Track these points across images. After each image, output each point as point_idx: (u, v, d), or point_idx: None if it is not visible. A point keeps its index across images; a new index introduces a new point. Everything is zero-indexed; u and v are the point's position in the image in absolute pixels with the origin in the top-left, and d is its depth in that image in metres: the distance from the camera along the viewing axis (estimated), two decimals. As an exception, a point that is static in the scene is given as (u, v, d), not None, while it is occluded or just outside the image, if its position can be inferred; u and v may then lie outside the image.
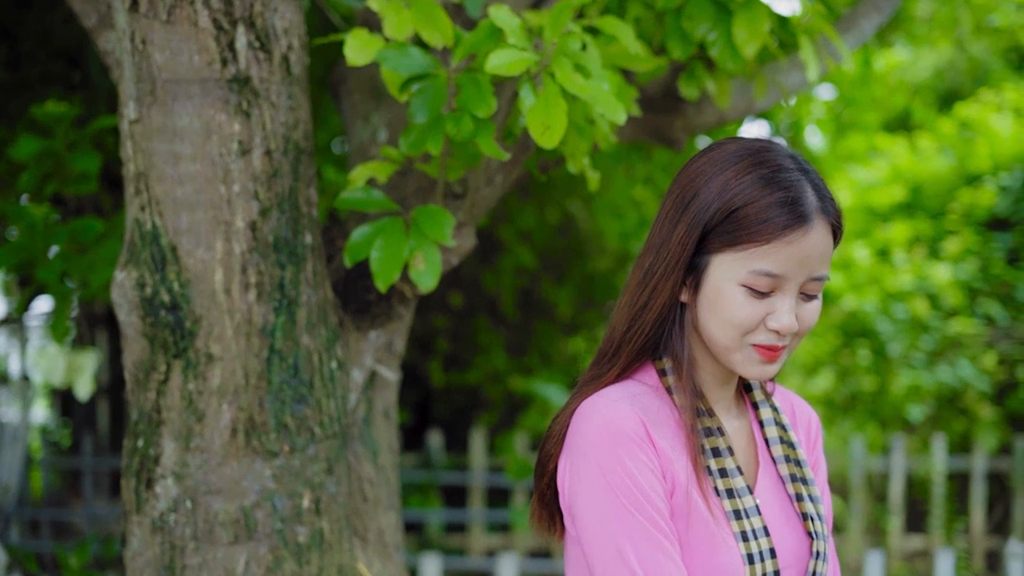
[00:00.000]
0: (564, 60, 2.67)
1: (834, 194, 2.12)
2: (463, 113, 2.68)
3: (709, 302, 2.05)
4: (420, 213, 2.81)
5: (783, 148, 2.10)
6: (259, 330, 2.71)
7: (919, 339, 9.63)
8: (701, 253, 2.05)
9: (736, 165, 2.04)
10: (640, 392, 2.11)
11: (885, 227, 10.24)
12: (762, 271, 1.99)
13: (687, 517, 2.03)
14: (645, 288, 2.10)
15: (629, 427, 2.02)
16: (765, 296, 2.02)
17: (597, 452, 2.02)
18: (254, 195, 2.69)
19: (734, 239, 2.01)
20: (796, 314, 2.04)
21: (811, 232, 2.00)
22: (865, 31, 3.93)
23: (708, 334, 2.08)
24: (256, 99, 2.69)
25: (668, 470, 2.04)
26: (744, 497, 2.08)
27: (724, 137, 2.27)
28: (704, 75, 3.41)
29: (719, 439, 2.11)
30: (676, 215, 2.08)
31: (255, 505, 2.71)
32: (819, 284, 2.05)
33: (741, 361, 2.06)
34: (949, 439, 9.68)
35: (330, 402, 2.85)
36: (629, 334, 2.12)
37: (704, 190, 2.05)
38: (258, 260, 2.70)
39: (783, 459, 2.20)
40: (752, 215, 1.99)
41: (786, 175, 2.03)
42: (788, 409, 2.33)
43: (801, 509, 2.16)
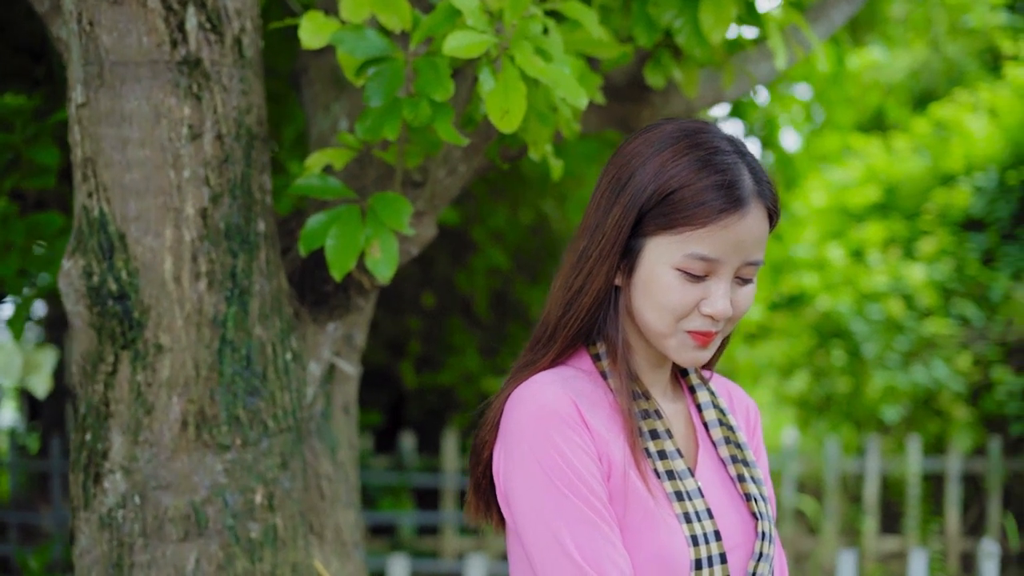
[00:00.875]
0: (525, 43, 2.60)
1: (771, 177, 2.08)
2: (421, 97, 2.61)
3: (643, 286, 2.02)
4: (377, 200, 2.74)
5: (720, 130, 2.07)
6: (210, 320, 2.63)
7: (894, 340, 9.61)
8: (636, 236, 2.02)
9: (673, 147, 2.01)
10: (573, 376, 2.07)
11: (860, 227, 10.22)
12: (697, 255, 1.96)
13: (625, 499, 1.99)
14: (580, 272, 2.07)
15: (562, 410, 1.98)
16: (699, 280, 1.99)
17: (530, 436, 1.98)
18: (205, 181, 2.61)
19: (669, 222, 1.97)
20: (730, 299, 2.01)
21: (747, 216, 1.97)
22: (835, 21, 3.87)
23: (642, 319, 2.05)
24: (207, 82, 2.61)
25: (604, 452, 1.99)
26: (685, 479, 2.04)
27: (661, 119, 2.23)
28: (671, 63, 3.35)
29: (656, 421, 2.07)
30: (612, 197, 2.04)
31: (206, 501, 2.63)
32: (754, 269, 2.02)
33: (674, 347, 2.03)
34: (924, 440, 9.67)
35: (284, 395, 2.77)
36: (564, 319, 2.08)
37: (640, 172, 2.01)
38: (209, 248, 2.62)
39: (723, 441, 2.16)
40: (688, 198, 1.96)
41: (723, 158, 1.99)
42: (726, 395, 2.30)
43: (744, 490, 2.12)
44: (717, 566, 2.00)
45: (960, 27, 11.05)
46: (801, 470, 9.57)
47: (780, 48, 3.24)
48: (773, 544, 2.12)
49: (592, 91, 3.08)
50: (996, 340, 9.50)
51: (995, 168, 9.65)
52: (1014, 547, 9.14)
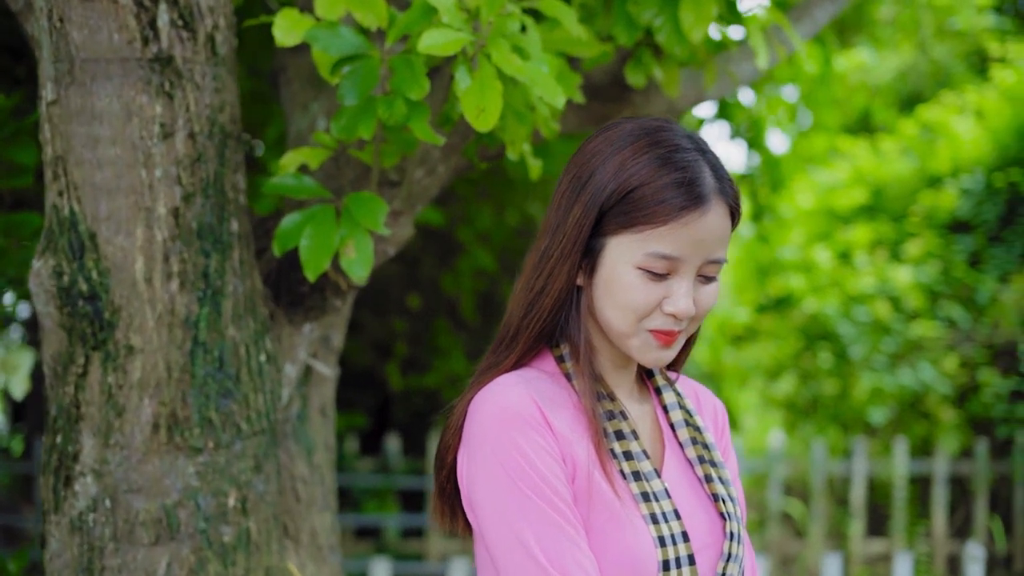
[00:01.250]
0: (502, 41, 2.57)
1: (732, 175, 2.07)
2: (396, 96, 2.58)
3: (605, 285, 2.01)
4: (352, 200, 2.70)
5: (680, 128, 2.06)
6: (182, 321, 2.59)
7: (880, 342, 9.59)
8: (597, 235, 2.01)
9: (633, 145, 2.00)
10: (536, 377, 2.05)
11: (846, 229, 10.20)
12: (658, 253, 1.95)
13: (589, 500, 1.97)
14: (542, 272, 2.05)
15: (524, 410, 1.96)
16: (662, 279, 1.97)
17: (492, 439, 1.96)
18: (177, 180, 2.58)
19: (630, 220, 1.96)
20: (693, 298, 2.00)
21: (708, 214, 1.96)
22: (819, 20, 3.84)
23: (604, 319, 2.03)
24: (179, 80, 2.57)
25: (568, 453, 1.97)
26: (652, 480, 2.02)
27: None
28: (651, 62, 3.32)
29: (622, 423, 2.05)
30: (572, 196, 2.03)
31: (177, 504, 2.59)
32: (717, 267, 2.01)
33: (637, 347, 2.02)
34: (911, 442, 9.65)
35: (258, 397, 2.74)
36: (526, 320, 2.07)
37: (600, 170, 2.00)
38: (181, 248, 2.58)
39: (690, 442, 2.15)
40: (648, 196, 1.95)
41: (683, 155, 1.98)
42: (692, 397, 2.29)
43: (711, 490, 2.11)
44: (685, 567, 1.98)
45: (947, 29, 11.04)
46: (788, 473, 9.54)
47: (761, 47, 3.21)
48: (742, 545, 2.10)
49: (571, 90, 3.04)
50: (983, 342, 9.49)
51: (982, 170, 9.64)
52: (1000, 550, 9.12)
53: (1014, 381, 9.19)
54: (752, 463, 9.57)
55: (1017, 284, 9.18)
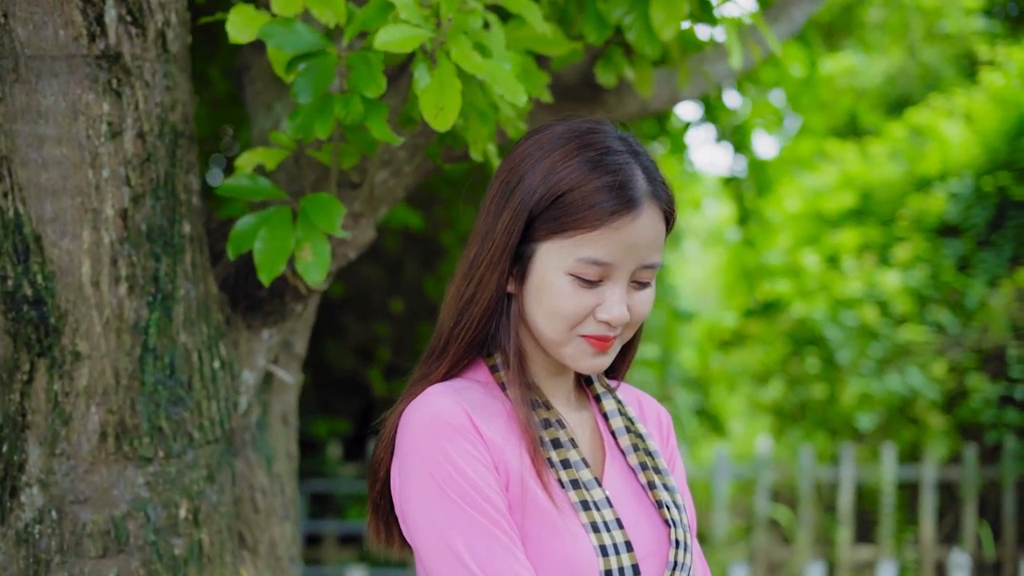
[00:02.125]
0: (462, 38, 2.50)
1: (666, 178, 2.02)
2: (353, 94, 2.50)
3: (536, 293, 1.96)
4: (309, 202, 2.62)
5: (613, 129, 2.01)
6: (131, 326, 2.51)
7: (868, 347, 9.53)
8: (527, 241, 1.96)
9: (563, 148, 1.95)
10: (467, 387, 2.01)
11: (834, 233, 10.13)
12: (589, 259, 1.90)
13: (524, 509, 1.91)
14: (471, 280, 2.00)
15: (453, 419, 1.92)
16: (594, 286, 1.93)
17: (422, 449, 1.92)
18: (125, 181, 2.49)
19: (560, 226, 1.91)
20: (627, 304, 1.95)
21: (640, 218, 1.91)
22: (796, 19, 3.78)
23: (536, 326, 1.98)
24: (128, 77, 2.49)
25: (500, 461, 1.93)
26: (592, 489, 1.97)
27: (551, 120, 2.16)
28: (622, 61, 3.24)
29: (559, 431, 2.00)
30: (501, 201, 1.98)
31: (126, 515, 2.51)
32: (651, 272, 1.97)
33: (571, 354, 1.97)
34: (899, 448, 9.59)
35: (212, 404, 2.66)
36: (457, 329, 2.02)
37: (529, 175, 1.95)
38: (130, 251, 2.50)
39: (631, 449, 2.10)
40: (578, 200, 1.90)
41: (614, 158, 1.93)
42: (635, 404, 2.24)
43: (655, 498, 2.05)
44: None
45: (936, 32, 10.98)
46: (775, 479, 9.47)
47: (735, 47, 3.14)
48: (690, 553, 2.04)
49: (538, 89, 2.96)
50: (971, 347, 9.43)
51: (971, 174, 9.59)
52: (989, 556, 9.05)
53: (1003, 386, 9.14)
54: (739, 469, 9.50)
55: (1006, 288, 9.12)
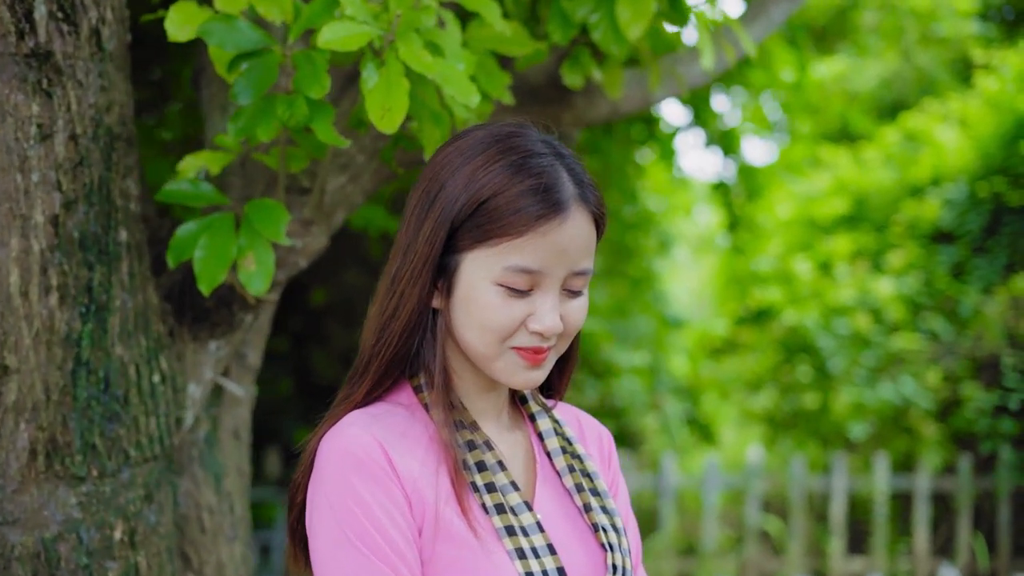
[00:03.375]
0: (413, 36, 2.39)
1: (594, 180, 1.94)
2: (298, 95, 2.38)
3: (463, 305, 1.88)
4: (252, 208, 2.51)
5: (536, 132, 1.94)
6: (62, 339, 2.38)
7: (861, 355, 9.42)
8: (451, 252, 1.88)
9: (484, 153, 1.87)
10: (386, 412, 1.93)
11: (827, 240, 10.02)
12: (518, 267, 1.82)
13: (435, 539, 1.84)
14: (392, 295, 1.92)
15: (362, 453, 1.84)
16: (524, 295, 1.85)
17: (328, 482, 1.85)
18: (56, 186, 2.37)
19: (485, 234, 1.83)
20: (560, 313, 1.88)
21: (568, 221, 1.84)
22: (775, 19, 3.66)
23: (465, 341, 1.90)
24: (59, 77, 2.37)
25: (414, 492, 1.85)
26: (522, 514, 1.89)
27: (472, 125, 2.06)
28: (589, 62, 3.12)
29: (486, 453, 1.92)
30: (422, 212, 1.90)
31: (57, 537, 2.39)
32: (583, 279, 1.89)
33: (503, 369, 1.90)
34: (892, 458, 9.49)
35: (150, 420, 2.54)
36: (377, 347, 1.94)
37: (450, 182, 1.87)
38: (61, 259, 2.38)
39: (567, 470, 2.02)
40: (502, 206, 1.82)
41: (538, 160, 1.86)
42: (574, 424, 2.16)
43: (591, 520, 1.98)
44: None
45: (931, 36, 10.87)
46: (766, 488, 9.35)
47: (707, 47, 3.02)
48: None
49: (499, 91, 2.85)
50: (966, 356, 9.32)
51: (965, 179, 9.48)
52: (983, 568, 8.93)
53: (998, 395, 9.02)
54: (730, 479, 9.38)
55: (1001, 296, 9.01)
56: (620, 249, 9.75)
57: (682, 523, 9.80)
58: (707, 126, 7.89)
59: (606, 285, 10.13)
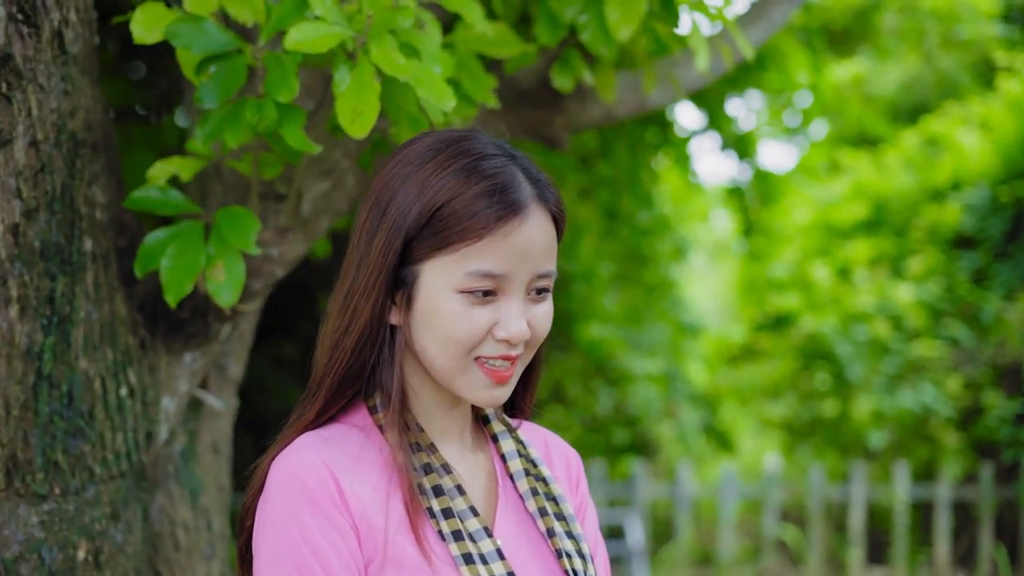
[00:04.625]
0: (387, 38, 2.30)
1: (551, 179, 1.87)
2: (267, 99, 2.29)
3: (424, 318, 1.80)
4: (222, 216, 2.43)
5: (486, 136, 1.88)
6: (23, 352, 2.30)
7: (880, 362, 9.29)
8: (408, 264, 1.81)
9: (434, 160, 1.81)
10: (340, 435, 1.86)
11: (846, 245, 9.90)
12: (480, 271, 1.76)
13: (383, 568, 1.77)
14: (345, 311, 1.85)
15: (311, 480, 1.77)
16: (488, 303, 1.78)
17: (272, 508, 1.79)
18: (16, 193, 2.28)
19: (442, 240, 1.77)
20: (526, 319, 1.80)
21: (528, 221, 1.78)
22: (776, 20, 3.56)
23: (428, 357, 1.83)
24: (19, 81, 2.28)
25: (363, 520, 1.78)
26: (480, 541, 1.82)
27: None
28: (580, 64, 3.03)
29: (443, 477, 1.85)
30: (373, 225, 1.83)
31: (18, 558, 2.30)
32: (547, 281, 1.83)
33: (467, 385, 1.82)
34: (912, 467, 9.37)
35: (117, 436, 2.45)
36: (329, 364, 1.86)
37: (401, 192, 1.81)
38: (21, 269, 2.29)
39: (530, 494, 1.95)
40: (458, 210, 1.76)
41: (491, 162, 1.80)
42: (540, 445, 2.08)
43: (555, 546, 1.90)
44: None
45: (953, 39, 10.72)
46: (784, 498, 9.24)
47: (702, 47, 2.92)
48: None
49: (484, 94, 2.76)
50: (987, 362, 9.21)
51: (987, 184, 9.36)
52: (1005, 579, 8.82)
53: (1019, 403, 8.91)
54: (747, 488, 9.27)
55: (1023, 302, 8.86)
56: (635, 255, 9.65)
57: (698, 532, 9.69)
58: (722, 130, 7.78)
59: (620, 292, 10.04)
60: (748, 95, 8.20)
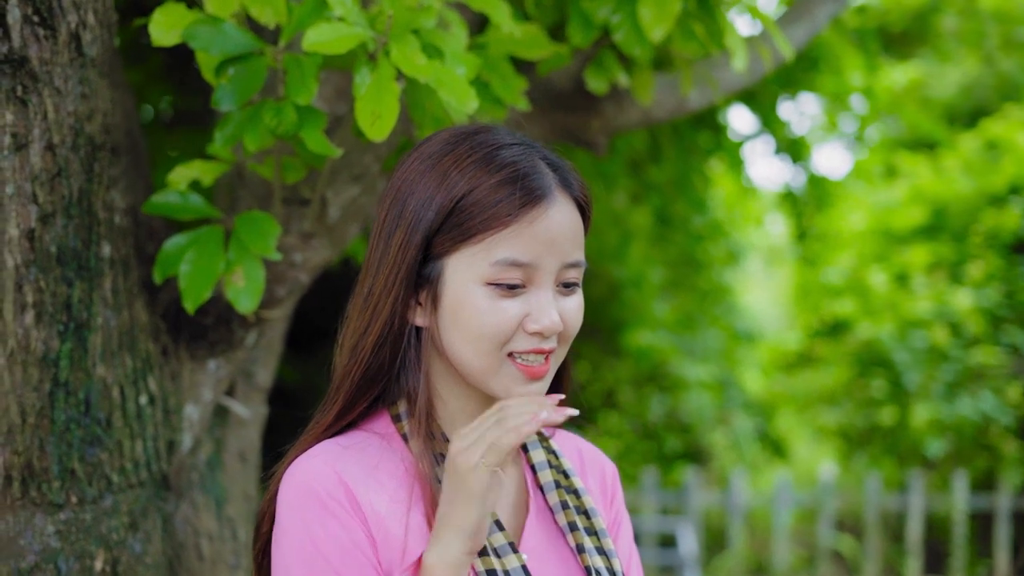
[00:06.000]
0: (410, 39, 2.25)
1: (573, 166, 1.82)
2: (286, 101, 2.25)
3: (452, 315, 1.74)
4: (242, 221, 2.39)
5: (503, 128, 1.84)
6: (39, 359, 2.26)
7: (938, 369, 9.15)
8: (431, 260, 1.76)
9: (452, 152, 1.77)
10: (359, 443, 1.81)
11: (903, 250, 9.76)
12: (507, 260, 1.70)
13: None
14: (365, 311, 1.80)
15: (322, 490, 1.73)
16: (517, 295, 1.73)
17: (286, 518, 1.75)
18: (32, 198, 2.25)
19: (465, 232, 1.72)
20: (557, 311, 1.74)
21: (552, 208, 1.74)
22: (819, 20, 3.49)
23: (458, 356, 1.76)
24: (35, 84, 2.25)
25: (380, 530, 1.73)
26: (505, 556, 1.75)
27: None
28: (615, 66, 2.97)
29: None
30: (392, 223, 1.79)
31: (34, 568, 2.27)
32: (577, 272, 1.78)
33: (502, 383, 1.75)
34: (971, 476, 9.24)
35: (136, 444, 2.41)
36: (348, 366, 1.81)
37: (420, 187, 1.77)
38: (37, 275, 2.25)
39: (560, 507, 1.88)
40: (480, 200, 1.72)
41: (510, 151, 1.76)
42: (574, 455, 2.01)
43: (584, 562, 1.84)
44: None
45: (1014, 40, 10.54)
46: (839, 507, 9.11)
47: (739, 47, 2.85)
48: None
49: (514, 96, 2.70)
50: (1048, 370, 9.03)
51: (1048, 188, 9.19)
52: (1065, 592, 8.65)
53: (1082, 412, 8.72)
54: (802, 496, 9.15)
55: (1085, 308, 8.71)
56: (688, 261, 9.56)
57: (752, 542, 9.58)
58: (775, 133, 7.68)
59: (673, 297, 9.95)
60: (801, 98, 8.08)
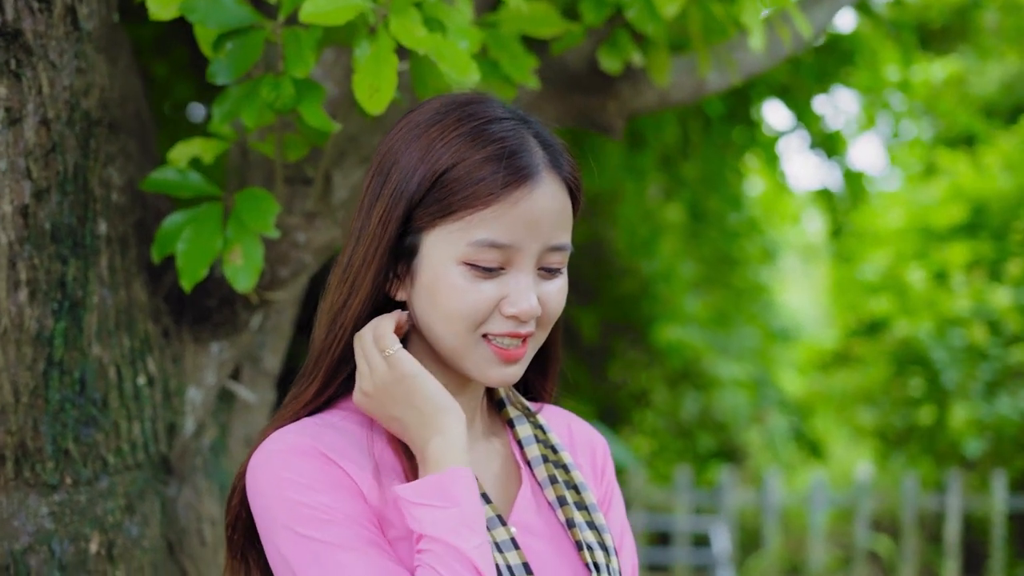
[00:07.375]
0: (411, 11, 2.20)
1: (568, 147, 1.74)
2: (283, 76, 2.20)
3: (428, 292, 1.69)
4: (240, 199, 2.35)
5: (498, 100, 1.77)
6: (33, 337, 2.22)
7: (977, 368, 9.04)
8: (410, 233, 1.70)
9: (440, 123, 1.70)
10: (338, 422, 1.75)
11: (942, 248, 9.64)
12: (485, 241, 1.64)
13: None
14: (344, 283, 1.74)
15: (300, 448, 1.67)
16: (494, 276, 1.67)
17: (263, 489, 1.67)
18: (26, 173, 2.21)
19: (446, 208, 1.66)
20: (537, 295, 1.68)
21: (539, 189, 1.66)
22: (840, 0, 3.39)
23: (433, 334, 1.72)
24: (29, 58, 2.21)
25: (368, 492, 1.68)
26: (495, 529, 1.71)
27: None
28: (629, 45, 2.90)
29: None
30: (375, 192, 1.72)
31: (28, 549, 2.23)
32: (560, 256, 1.71)
33: (476, 364, 1.70)
34: (1010, 476, 9.13)
35: (132, 425, 2.38)
36: (327, 340, 1.75)
37: (404, 156, 1.70)
38: (31, 252, 2.22)
39: (548, 481, 1.83)
40: (463, 175, 1.65)
41: (500, 125, 1.69)
42: (563, 430, 1.96)
43: (575, 537, 1.79)
44: None
45: (1057, 36, 10.41)
46: (876, 507, 9.00)
47: (756, 26, 2.78)
48: None
49: (523, 74, 2.64)
50: (1089, 370, 8.90)
51: (1090, 185, 9.06)
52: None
53: (1123, 411, 8.58)
54: (837, 496, 9.06)
55: None
56: (723, 258, 9.47)
57: (787, 542, 9.48)
58: (810, 128, 7.58)
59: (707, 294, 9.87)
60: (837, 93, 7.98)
